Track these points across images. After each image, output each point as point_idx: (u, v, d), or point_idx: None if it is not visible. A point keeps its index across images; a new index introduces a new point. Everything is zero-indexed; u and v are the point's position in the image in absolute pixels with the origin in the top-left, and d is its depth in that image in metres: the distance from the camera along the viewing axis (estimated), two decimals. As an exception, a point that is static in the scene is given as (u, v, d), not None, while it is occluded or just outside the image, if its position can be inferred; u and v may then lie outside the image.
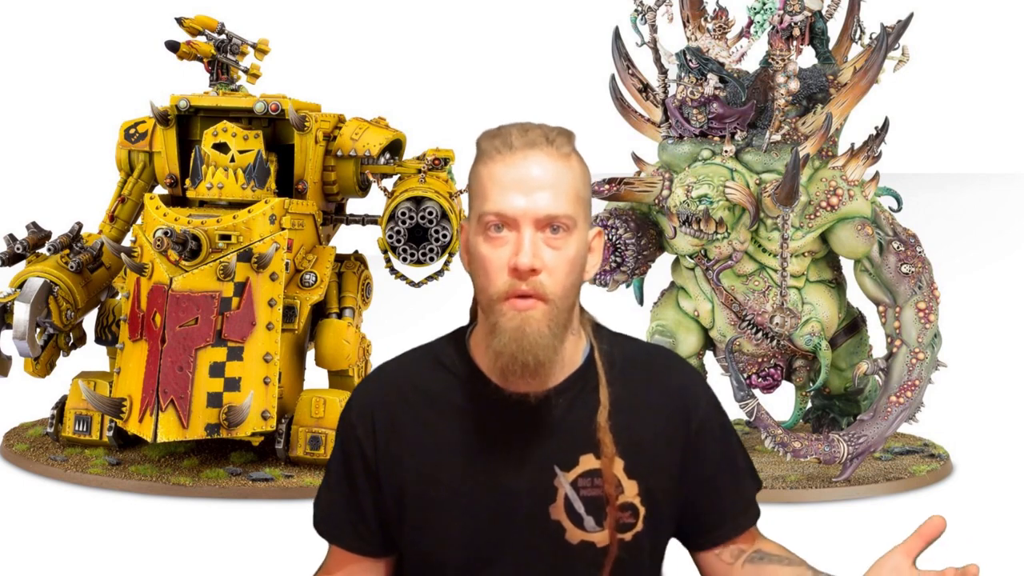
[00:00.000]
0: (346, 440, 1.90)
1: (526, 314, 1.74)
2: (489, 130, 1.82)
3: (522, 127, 1.79)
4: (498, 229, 1.75)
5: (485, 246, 1.76)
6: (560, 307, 1.76)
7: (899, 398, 4.61)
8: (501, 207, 1.74)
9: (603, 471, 1.80)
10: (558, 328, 1.76)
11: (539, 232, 1.75)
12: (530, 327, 1.74)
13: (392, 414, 1.86)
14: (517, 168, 1.75)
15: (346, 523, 1.91)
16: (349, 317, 4.98)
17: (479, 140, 1.81)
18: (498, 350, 1.75)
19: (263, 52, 5.19)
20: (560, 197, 1.75)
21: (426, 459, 1.83)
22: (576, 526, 1.80)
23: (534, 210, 1.74)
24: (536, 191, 1.74)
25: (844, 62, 4.83)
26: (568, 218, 1.76)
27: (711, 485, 1.90)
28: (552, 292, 1.75)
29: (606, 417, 1.81)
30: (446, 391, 1.85)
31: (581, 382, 1.84)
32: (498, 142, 1.78)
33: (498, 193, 1.75)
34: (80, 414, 4.92)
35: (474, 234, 1.79)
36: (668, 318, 4.98)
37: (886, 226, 4.66)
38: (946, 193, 11.50)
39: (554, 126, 1.82)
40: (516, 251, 1.73)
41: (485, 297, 1.78)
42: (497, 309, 1.75)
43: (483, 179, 1.78)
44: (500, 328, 1.75)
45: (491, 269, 1.75)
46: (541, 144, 1.77)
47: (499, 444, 1.82)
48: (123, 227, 5.18)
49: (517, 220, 1.74)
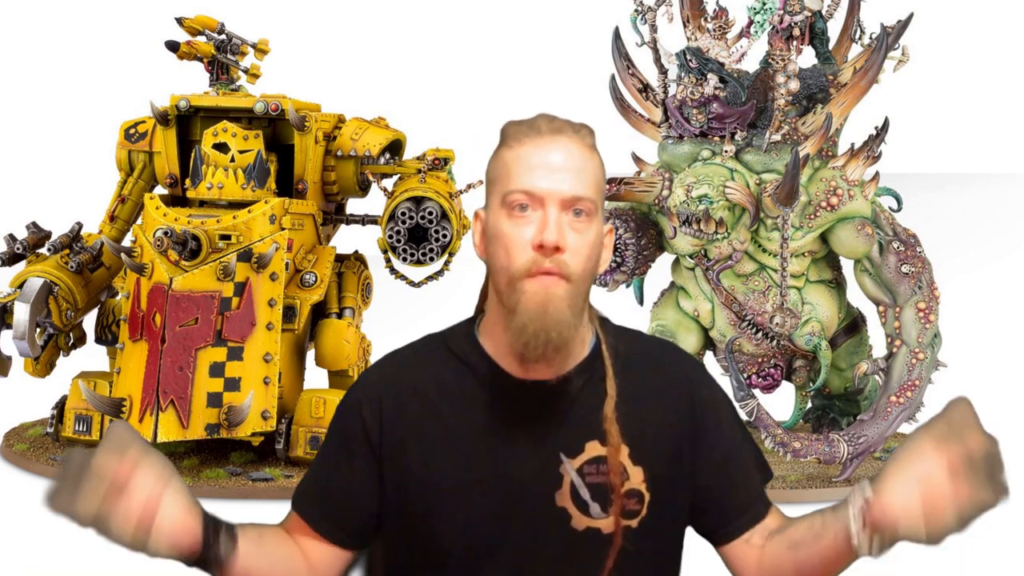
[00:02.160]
0: (347, 423, 1.89)
1: (550, 291, 1.75)
2: (514, 120, 1.86)
3: (548, 116, 1.84)
4: (523, 209, 1.77)
5: (508, 224, 1.78)
6: (580, 290, 1.78)
7: (899, 398, 4.61)
8: (528, 185, 1.77)
9: (609, 460, 1.81)
10: (576, 310, 1.78)
11: (563, 213, 1.77)
12: (552, 304, 1.75)
13: (400, 401, 1.87)
14: (545, 150, 1.79)
15: (319, 503, 1.90)
16: (349, 317, 4.98)
17: (504, 128, 1.85)
18: (520, 326, 1.75)
19: (263, 52, 5.19)
20: (584, 181, 1.78)
21: (432, 446, 1.84)
22: (582, 513, 1.81)
23: (560, 191, 1.76)
24: (562, 173, 1.77)
25: (844, 62, 4.83)
26: (591, 202, 1.79)
27: (723, 474, 1.90)
28: (574, 272, 1.76)
29: (613, 408, 1.82)
30: (455, 379, 1.86)
31: (588, 372, 1.85)
32: (525, 127, 1.82)
33: (525, 172, 1.78)
34: (80, 414, 4.92)
35: (495, 214, 1.80)
36: (668, 318, 4.99)
37: (886, 226, 4.66)
38: (946, 193, 11.50)
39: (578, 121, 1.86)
40: (542, 228, 1.75)
41: (506, 276, 1.78)
42: (519, 287, 1.76)
43: (508, 162, 1.81)
44: (522, 305, 1.75)
45: (513, 247, 1.77)
46: (568, 132, 1.81)
47: (506, 431, 1.82)
48: (123, 227, 5.18)
49: (543, 199, 1.76)
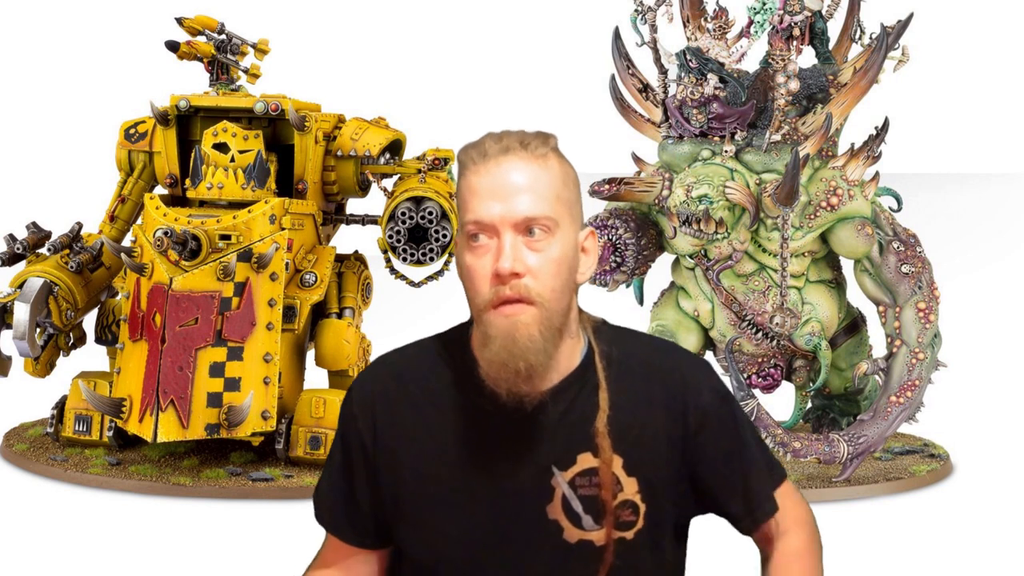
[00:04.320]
0: (347, 430, 1.90)
1: (515, 319, 1.73)
2: (469, 143, 1.83)
3: (497, 135, 1.80)
4: (478, 239, 1.76)
5: (469, 256, 1.77)
6: (551, 310, 1.75)
7: (899, 398, 4.61)
8: (479, 215, 1.75)
9: (601, 476, 1.79)
10: (550, 332, 1.75)
11: (519, 236, 1.75)
12: (519, 332, 1.73)
13: (393, 407, 1.86)
14: (492, 175, 1.75)
15: (344, 515, 1.91)
16: (349, 317, 4.98)
17: (459, 154, 1.82)
18: (489, 358, 1.75)
19: (263, 52, 5.19)
20: (538, 199, 1.75)
21: (424, 456, 1.83)
22: (574, 525, 1.80)
23: (511, 214, 1.73)
24: (512, 196, 1.74)
25: (844, 62, 4.83)
26: (548, 219, 1.75)
27: (723, 475, 1.88)
28: (539, 295, 1.74)
29: (605, 422, 1.80)
30: (446, 388, 1.85)
31: (579, 383, 1.83)
32: (474, 152, 1.79)
33: (476, 202, 1.75)
34: (80, 414, 4.92)
35: (460, 246, 1.80)
36: (668, 318, 4.98)
37: (886, 226, 4.66)
38: (946, 193, 11.50)
39: (532, 131, 1.82)
40: (496, 257, 1.74)
41: (474, 308, 1.78)
42: (485, 319, 1.75)
43: (463, 191, 1.79)
44: (490, 337, 1.74)
45: (476, 278, 1.76)
46: (515, 149, 1.77)
47: (497, 444, 1.81)
48: (123, 227, 5.18)
49: (495, 226, 1.74)
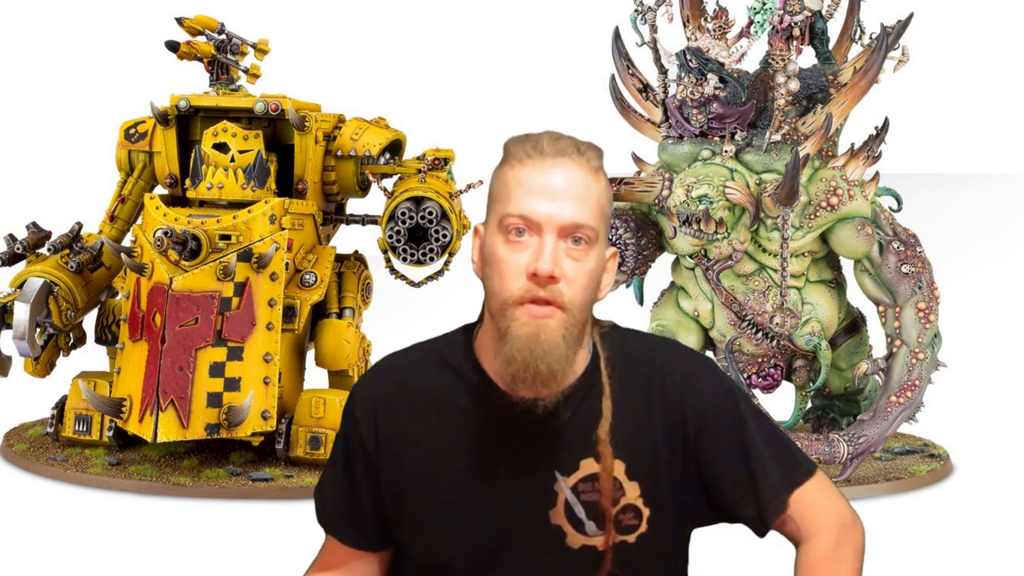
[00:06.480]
0: (349, 433, 1.88)
1: (542, 322, 1.70)
2: (518, 135, 1.80)
3: (553, 135, 1.77)
4: (519, 233, 1.72)
5: (504, 248, 1.73)
6: (577, 319, 1.73)
7: (899, 398, 4.61)
8: (526, 210, 1.71)
9: (601, 483, 1.78)
10: (572, 340, 1.73)
11: (561, 240, 1.72)
12: (545, 335, 1.70)
13: (395, 410, 1.85)
14: (545, 174, 1.73)
15: (345, 517, 1.90)
16: (349, 317, 4.97)
17: (507, 144, 1.79)
18: (509, 356, 1.72)
19: (263, 52, 5.19)
20: (586, 208, 1.72)
21: (426, 460, 1.82)
22: (577, 531, 1.79)
23: (559, 217, 1.71)
24: (562, 198, 1.71)
25: (844, 62, 4.83)
26: (591, 229, 1.73)
27: (730, 478, 1.83)
28: (570, 302, 1.72)
29: (607, 430, 1.78)
30: (450, 392, 1.83)
31: (584, 389, 1.81)
32: (528, 147, 1.76)
33: (524, 196, 1.72)
34: (80, 414, 4.92)
35: (493, 235, 1.76)
36: (668, 318, 4.98)
37: (886, 226, 4.66)
38: (946, 193, 11.49)
39: (585, 140, 1.79)
40: (537, 256, 1.70)
41: (498, 301, 1.74)
42: (510, 314, 1.72)
43: (508, 182, 1.75)
44: (512, 333, 1.71)
45: (507, 273, 1.72)
46: (571, 154, 1.74)
47: (500, 448, 1.80)
48: (123, 227, 5.18)
49: (541, 225, 1.71)
